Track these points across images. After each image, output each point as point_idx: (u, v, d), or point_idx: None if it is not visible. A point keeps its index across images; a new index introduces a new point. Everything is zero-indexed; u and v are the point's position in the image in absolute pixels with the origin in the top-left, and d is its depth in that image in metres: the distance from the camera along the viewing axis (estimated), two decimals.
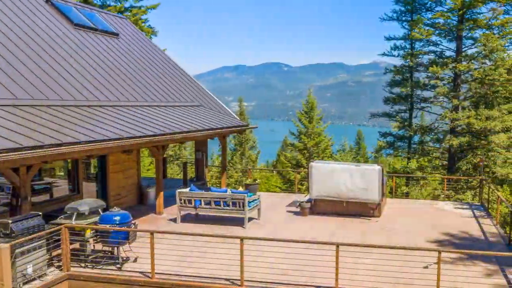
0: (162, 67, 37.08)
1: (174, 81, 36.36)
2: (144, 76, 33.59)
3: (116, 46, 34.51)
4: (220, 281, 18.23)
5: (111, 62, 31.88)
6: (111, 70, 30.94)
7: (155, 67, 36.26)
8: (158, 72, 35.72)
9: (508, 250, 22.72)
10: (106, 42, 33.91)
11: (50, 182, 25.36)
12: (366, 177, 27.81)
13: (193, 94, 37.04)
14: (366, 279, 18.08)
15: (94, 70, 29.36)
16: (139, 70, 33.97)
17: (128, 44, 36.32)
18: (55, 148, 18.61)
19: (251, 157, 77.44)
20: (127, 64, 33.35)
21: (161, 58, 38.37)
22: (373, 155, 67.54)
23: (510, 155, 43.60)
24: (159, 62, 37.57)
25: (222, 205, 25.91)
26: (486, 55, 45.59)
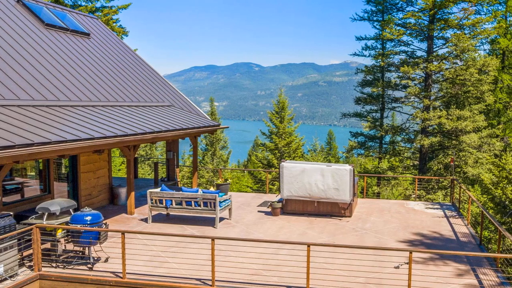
0: (133, 67, 36.96)
1: (145, 81, 36.25)
2: (115, 76, 33.44)
3: (87, 46, 34.33)
4: (191, 281, 18.14)
5: (82, 62, 31.71)
6: (82, 70, 30.77)
7: (126, 67, 36.12)
8: (129, 72, 35.59)
9: (479, 250, 22.86)
10: (77, 42, 33.72)
11: (21, 182, 25.20)
12: (337, 177, 27.86)
13: (164, 94, 36.91)
14: (338, 279, 18.02)
15: (65, 70, 29.17)
16: (110, 70, 33.82)
17: (99, 44, 36.16)
18: (26, 148, 18.48)
19: (222, 157, 77.46)
20: (98, 64, 33.18)
21: (132, 58, 38.22)
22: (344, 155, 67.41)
23: (481, 155, 43.72)
24: (130, 62, 37.44)
25: (193, 205, 25.87)
26: (457, 55, 45.67)
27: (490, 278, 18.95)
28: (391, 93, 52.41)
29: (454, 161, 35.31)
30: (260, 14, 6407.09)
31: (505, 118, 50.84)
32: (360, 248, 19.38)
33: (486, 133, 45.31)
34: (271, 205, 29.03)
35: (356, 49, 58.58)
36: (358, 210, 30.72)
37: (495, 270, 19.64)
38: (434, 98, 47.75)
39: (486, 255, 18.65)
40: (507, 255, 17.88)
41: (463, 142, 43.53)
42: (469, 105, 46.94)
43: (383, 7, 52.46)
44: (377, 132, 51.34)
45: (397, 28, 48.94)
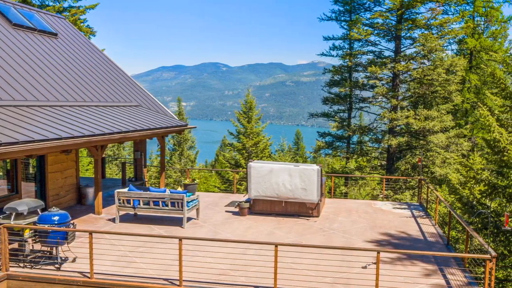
0: (100, 67, 36.68)
1: (112, 81, 35.99)
2: (82, 76, 33.20)
3: (55, 46, 34.06)
4: (158, 281, 18.08)
5: (50, 62, 31.45)
6: (49, 70, 30.51)
7: (94, 67, 35.86)
8: (96, 72, 35.34)
9: (447, 250, 22.90)
10: (45, 42, 33.46)
11: None
12: (305, 177, 27.84)
13: (132, 94, 36.68)
14: (305, 279, 18.05)
15: (33, 70, 28.92)
16: (78, 70, 33.56)
17: (66, 44, 35.88)
18: None
19: (190, 157, 77.29)
20: (65, 64, 32.92)
21: (100, 58, 37.97)
22: (312, 155, 67.41)
23: (449, 155, 43.82)
24: (98, 62, 37.16)
25: (160, 205, 25.77)
26: (425, 55, 45.77)
27: (458, 278, 18.96)
28: (359, 93, 52.43)
29: (421, 161, 35.35)
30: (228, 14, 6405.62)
31: (472, 118, 51.08)
32: (327, 248, 19.34)
33: (453, 133, 45.45)
34: (239, 205, 28.96)
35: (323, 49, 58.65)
36: (325, 210, 30.66)
37: (463, 270, 19.67)
38: (402, 98, 47.83)
39: (454, 255, 18.68)
40: (474, 255, 17.95)
41: (431, 142, 43.61)
42: (437, 105, 47.08)
43: (351, 7, 52.48)
44: (345, 132, 51.39)
45: (364, 28, 48.97)
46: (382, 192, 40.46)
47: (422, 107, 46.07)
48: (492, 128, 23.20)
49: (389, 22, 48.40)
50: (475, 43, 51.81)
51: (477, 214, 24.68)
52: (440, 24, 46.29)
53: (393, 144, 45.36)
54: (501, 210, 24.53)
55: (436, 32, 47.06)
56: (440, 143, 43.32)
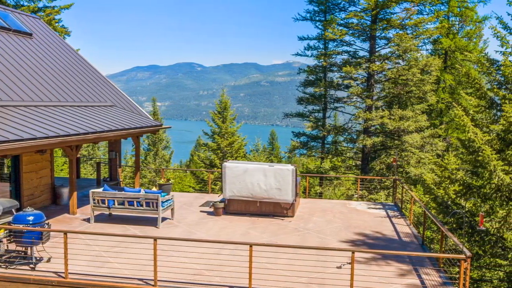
0: (75, 67, 36.51)
1: (87, 81, 35.83)
2: (57, 76, 33.05)
3: (30, 46, 33.94)
4: (133, 281, 17.97)
5: (25, 62, 31.36)
6: (24, 70, 30.39)
7: (69, 67, 35.70)
8: (71, 72, 35.19)
9: (422, 250, 22.90)
10: (20, 42, 33.37)
11: None
12: (280, 177, 27.82)
13: (107, 94, 36.49)
14: (280, 279, 18.01)
15: (7, 70, 28.84)
16: (53, 70, 33.43)
17: (41, 44, 35.77)
18: None
19: (164, 157, 77.31)
20: (40, 64, 32.79)
21: (75, 58, 37.80)
22: (286, 155, 67.53)
23: (424, 155, 43.91)
24: (73, 62, 37.01)
25: (135, 205, 25.71)
26: (399, 55, 45.86)
27: (433, 278, 18.98)
28: (334, 93, 52.43)
29: (396, 161, 35.38)
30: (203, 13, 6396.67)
31: (447, 118, 51.27)
32: (302, 248, 19.42)
33: (428, 133, 45.56)
34: (214, 205, 28.89)
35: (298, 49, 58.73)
36: (300, 210, 30.64)
37: (438, 270, 19.69)
38: (377, 98, 47.90)
39: (429, 255, 18.68)
40: (449, 255, 17.93)
41: (406, 142, 43.69)
42: (412, 105, 47.19)
43: (326, 7, 52.44)
44: (320, 132, 51.36)
45: (339, 28, 48.97)
46: (357, 192, 40.51)
47: (397, 107, 46.13)
48: (467, 128, 23.21)
49: (364, 22, 48.44)
50: (450, 43, 51.97)
51: (452, 214, 24.68)
52: (415, 24, 46.38)
53: (368, 144, 45.40)
54: (475, 210, 24.57)
55: (411, 32, 47.17)
56: (415, 143, 43.41)
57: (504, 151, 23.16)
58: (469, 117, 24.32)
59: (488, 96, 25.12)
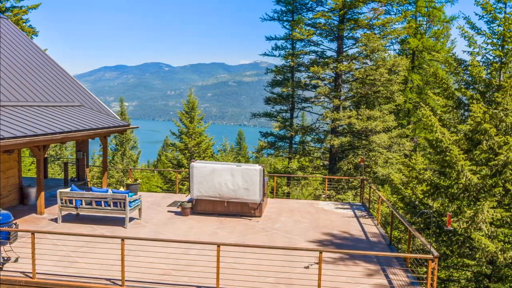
0: (43, 67, 36.30)
1: (55, 81, 35.61)
2: (25, 76, 32.90)
3: None
4: (101, 281, 17.88)
5: None
6: None
7: (36, 67, 35.51)
8: (39, 72, 34.98)
9: (389, 250, 22.93)
10: None
11: None
12: (247, 177, 27.83)
13: (74, 94, 36.28)
14: (248, 279, 17.97)
15: None
16: (20, 70, 33.25)
17: (8, 44, 35.60)
18: None
19: (132, 157, 77.20)
20: (7, 63, 32.62)
21: (42, 58, 37.58)
22: (254, 155, 67.55)
23: (391, 155, 44.01)
24: (40, 62, 36.80)
25: (103, 205, 25.62)
26: (367, 55, 45.92)
27: (400, 278, 18.99)
28: (301, 93, 52.39)
29: (364, 161, 35.44)
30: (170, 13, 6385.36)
31: (415, 118, 51.44)
32: (270, 248, 19.25)
33: (396, 133, 45.67)
34: (181, 205, 28.82)
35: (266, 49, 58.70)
36: (268, 210, 30.63)
37: (405, 270, 19.73)
38: (344, 98, 47.90)
39: (396, 255, 18.66)
40: (417, 255, 17.96)
41: (373, 142, 43.76)
42: (379, 105, 47.28)
43: (293, 7, 52.41)
44: (287, 132, 51.29)
45: (307, 28, 48.90)
46: (325, 192, 40.49)
47: (365, 107, 46.19)
48: (434, 128, 23.27)
49: (332, 22, 48.42)
50: (417, 43, 52.15)
51: (420, 214, 24.73)
52: (383, 24, 46.45)
53: (336, 144, 45.40)
54: (443, 210, 24.62)
55: (379, 32, 47.22)
56: (383, 143, 43.49)
57: (472, 151, 23.24)
58: (437, 117, 24.39)
59: (455, 96, 25.22)
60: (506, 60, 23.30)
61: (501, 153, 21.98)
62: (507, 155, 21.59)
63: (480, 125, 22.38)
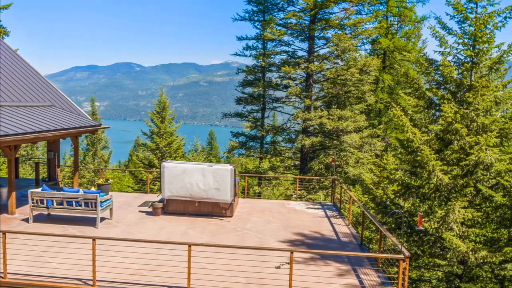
0: (13, 67, 36.09)
1: (26, 81, 35.38)
2: None
3: None
4: (72, 281, 17.86)
5: None
6: None
7: (7, 66, 35.34)
8: (10, 72, 34.80)
9: (360, 250, 23.04)
10: None
11: None
12: (218, 177, 27.88)
13: (45, 94, 36.06)
14: (219, 279, 18.05)
15: None
16: None
17: None
18: None
19: (103, 157, 77.14)
20: None
21: (13, 58, 37.37)
22: (225, 155, 67.50)
23: (362, 155, 44.08)
24: (11, 62, 36.60)
25: (74, 205, 25.62)
26: (338, 55, 45.94)
27: (371, 278, 19.04)
28: (272, 93, 52.37)
29: (335, 161, 35.43)
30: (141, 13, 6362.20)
31: (386, 118, 51.55)
32: (241, 248, 19.33)
33: (367, 133, 45.75)
34: (152, 205, 28.82)
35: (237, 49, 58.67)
36: (239, 210, 30.66)
37: (376, 270, 19.78)
38: (315, 98, 47.92)
39: (367, 255, 18.68)
40: (388, 255, 18.02)
41: (344, 142, 43.81)
42: (350, 105, 47.32)
43: (264, 7, 52.36)
44: (258, 132, 51.22)
45: (278, 28, 48.85)
46: (296, 192, 40.48)
47: (336, 107, 46.21)
48: (405, 128, 23.28)
49: (303, 22, 48.41)
50: (388, 43, 52.28)
51: (391, 214, 24.73)
52: (354, 24, 46.50)
53: (307, 144, 45.39)
54: (414, 210, 24.67)
55: (350, 32, 47.27)
56: (354, 143, 43.54)
57: (443, 151, 23.27)
58: (408, 117, 24.40)
59: (426, 96, 25.24)
60: (477, 60, 23.35)
61: (472, 153, 22.03)
62: (478, 155, 21.64)
63: (451, 125, 22.42)
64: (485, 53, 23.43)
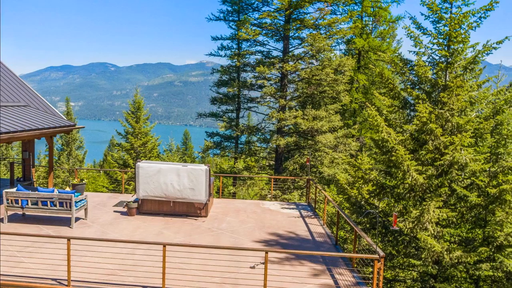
0: None
1: (0, 81, 34.82)
2: None
3: None
4: (47, 281, 17.77)
5: None
6: None
7: None
8: None
9: (335, 250, 23.07)
10: None
11: None
12: (193, 177, 27.89)
13: (20, 94, 35.92)
14: (194, 279, 18.04)
15: None
16: None
17: None
18: None
19: (78, 157, 76.85)
20: None
21: None
22: (200, 155, 67.30)
23: (337, 155, 44.11)
24: None
25: (49, 205, 25.54)
26: (313, 55, 45.95)
27: (346, 278, 19.08)
28: (247, 93, 52.36)
29: (310, 161, 35.44)
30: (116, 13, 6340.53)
31: (361, 118, 51.64)
32: (216, 248, 19.31)
33: (342, 133, 45.82)
34: (127, 205, 28.78)
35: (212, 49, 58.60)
36: (214, 210, 30.62)
37: (351, 270, 19.83)
38: (290, 98, 47.89)
39: (342, 255, 18.64)
40: (362, 255, 17.93)
41: (319, 142, 43.82)
42: (325, 105, 47.36)
43: (239, 7, 52.28)
44: (233, 132, 51.15)
45: (253, 28, 48.79)
46: (271, 192, 40.40)
47: (310, 107, 46.23)
48: (380, 128, 23.28)
49: (278, 22, 48.39)
50: (363, 43, 52.39)
51: (365, 214, 24.74)
52: (328, 24, 46.52)
53: (281, 144, 45.36)
54: (389, 210, 24.71)
55: (325, 32, 47.30)
56: (328, 143, 43.56)
57: (418, 151, 23.31)
58: (383, 117, 24.43)
59: (401, 96, 25.27)
60: (452, 60, 23.40)
61: (447, 153, 22.06)
62: (453, 155, 21.68)
63: (426, 125, 22.45)
64: (459, 53, 23.49)
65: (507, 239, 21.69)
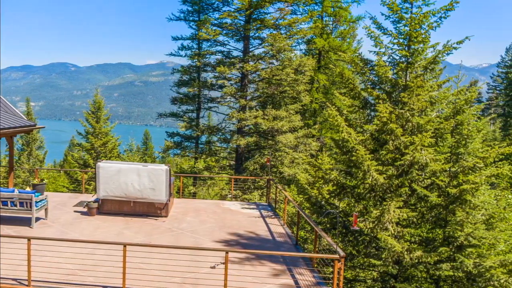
0: None
1: None
2: None
3: None
4: (7, 281, 17.73)
5: None
6: None
7: None
8: None
9: (296, 250, 23.13)
10: None
11: None
12: (154, 177, 27.88)
13: None
14: (154, 279, 18.03)
15: None
16: None
17: None
18: None
19: (38, 157, 76.45)
20: None
21: None
22: (160, 155, 67.25)
23: (297, 155, 44.16)
24: None
25: (9, 205, 25.45)
26: (273, 55, 46.00)
27: (307, 278, 19.11)
28: (208, 93, 52.41)
29: (270, 161, 35.41)
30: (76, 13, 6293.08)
31: (321, 118, 51.75)
32: (176, 248, 19.24)
33: (302, 133, 45.88)
34: (87, 205, 28.69)
35: (172, 49, 58.38)
36: (174, 210, 30.59)
37: (312, 270, 19.85)
38: (251, 98, 47.91)
39: (302, 255, 18.77)
40: (323, 255, 18.10)
41: (279, 142, 43.87)
42: (286, 105, 47.41)
43: (199, 7, 52.26)
44: (193, 132, 51.09)
45: (213, 28, 48.77)
46: (231, 192, 40.41)
47: (271, 107, 46.28)
48: (340, 128, 23.28)
49: (238, 22, 48.40)
50: (323, 43, 52.49)
51: (326, 214, 24.73)
52: (289, 24, 46.61)
53: (242, 144, 45.35)
54: (349, 210, 24.74)
55: (285, 32, 47.40)
56: (289, 143, 43.61)
57: (378, 151, 23.33)
58: (343, 117, 24.41)
59: (362, 96, 25.29)
60: (412, 60, 23.45)
61: (407, 153, 22.10)
62: (413, 155, 21.71)
63: (386, 125, 22.48)
64: (420, 53, 23.53)
65: (467, 239, 21.76)
